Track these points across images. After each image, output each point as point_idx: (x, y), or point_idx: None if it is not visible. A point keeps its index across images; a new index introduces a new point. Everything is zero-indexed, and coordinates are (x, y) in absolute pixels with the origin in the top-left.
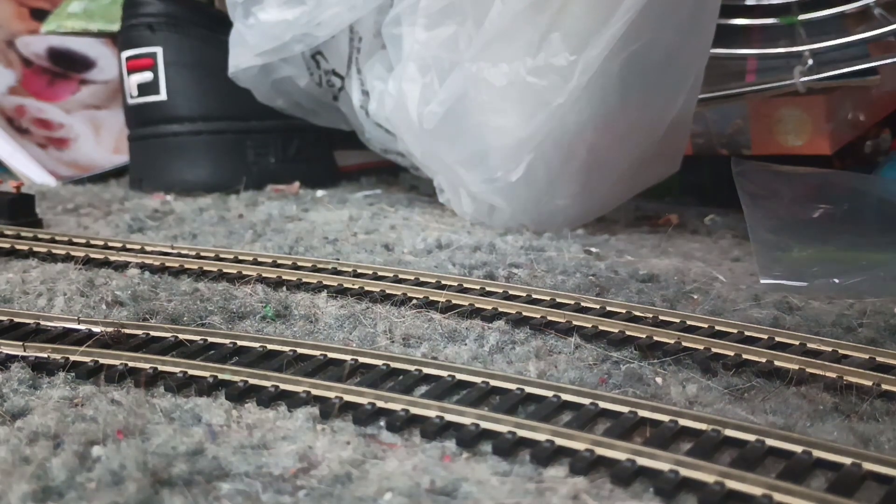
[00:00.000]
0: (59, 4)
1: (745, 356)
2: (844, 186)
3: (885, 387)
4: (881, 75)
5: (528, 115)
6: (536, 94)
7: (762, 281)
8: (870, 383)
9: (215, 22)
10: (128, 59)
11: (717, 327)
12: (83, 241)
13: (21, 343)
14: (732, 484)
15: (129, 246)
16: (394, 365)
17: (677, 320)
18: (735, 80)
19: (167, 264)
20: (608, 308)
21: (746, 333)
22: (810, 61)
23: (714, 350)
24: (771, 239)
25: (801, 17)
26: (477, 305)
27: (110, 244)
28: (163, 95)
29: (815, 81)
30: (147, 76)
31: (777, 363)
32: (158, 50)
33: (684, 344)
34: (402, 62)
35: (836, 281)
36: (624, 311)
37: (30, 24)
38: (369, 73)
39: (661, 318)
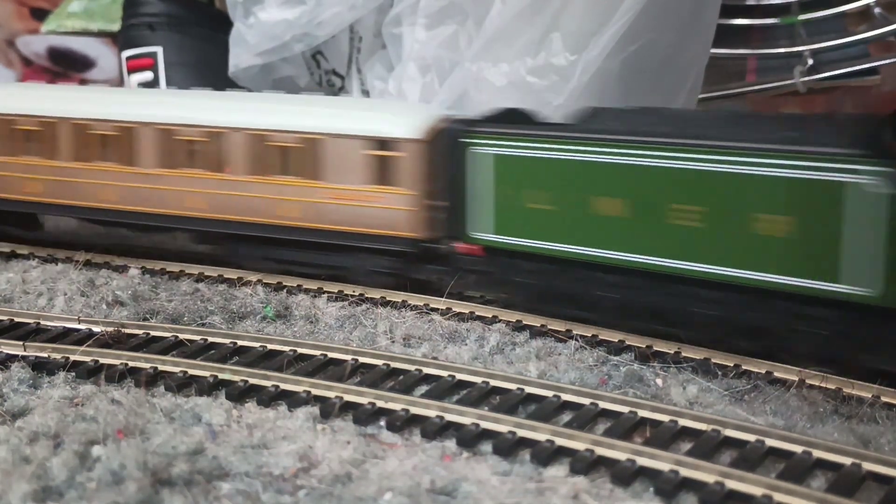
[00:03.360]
0: (59, 4)
1: (744, 366)
2: None
3: (884, 399)
4: (881, 75)
5: None
6: (536, 94)
7: None
8: (869, 395)
9: (215, 21)
10: (128, 58)
11: None
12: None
13: (21, 343)
14: (733, 484)
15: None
16: (394, 365)
17: None
18: (735, 80)
19: (168, 269)
20: None
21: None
22: (810, 61)
23: (714, 360)
24: None
25: (801, 17)
26: (477, 313)
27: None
28: None
29: (815, 81)
30: (147, 76)
31: (777, 374)
32: (159, 50)
33: (684, 354)
34: (403, 62)
35: None
36: None
37: (30, 23)
38: (369, 72)
39: None
